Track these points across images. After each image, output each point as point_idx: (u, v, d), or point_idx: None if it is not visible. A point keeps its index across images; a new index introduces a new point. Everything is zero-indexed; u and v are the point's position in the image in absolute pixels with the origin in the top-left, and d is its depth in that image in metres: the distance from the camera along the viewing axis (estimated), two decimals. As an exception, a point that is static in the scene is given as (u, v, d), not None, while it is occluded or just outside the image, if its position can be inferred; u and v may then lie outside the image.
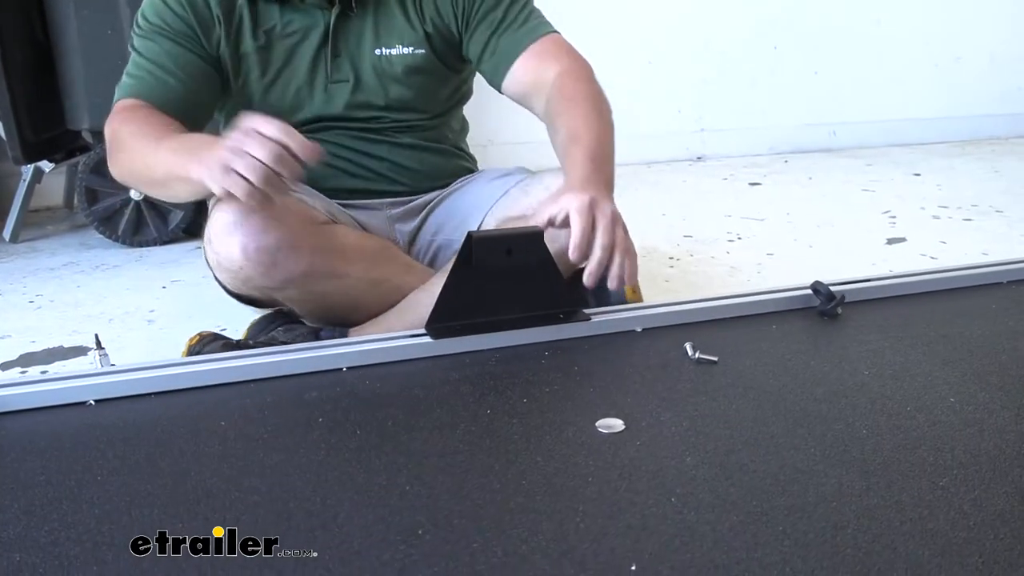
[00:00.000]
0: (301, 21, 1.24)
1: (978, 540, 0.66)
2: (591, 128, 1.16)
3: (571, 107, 1.19)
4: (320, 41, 1.25)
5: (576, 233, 1.00)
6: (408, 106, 1.32)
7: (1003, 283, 1.28)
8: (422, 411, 0.88)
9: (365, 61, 1.27)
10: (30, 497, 0.73)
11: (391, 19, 1.27)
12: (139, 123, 1.14)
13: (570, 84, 1.22)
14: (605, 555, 0.64)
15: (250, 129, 0.95)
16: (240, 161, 0.94)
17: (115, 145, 1.15)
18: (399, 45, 1.27)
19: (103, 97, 2.07)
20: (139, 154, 1.10)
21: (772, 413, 0.87)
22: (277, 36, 1.24)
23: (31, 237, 2.32)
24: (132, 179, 1.20)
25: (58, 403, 0.89)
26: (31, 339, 1.58)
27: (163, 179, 1.08)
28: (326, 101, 1.28)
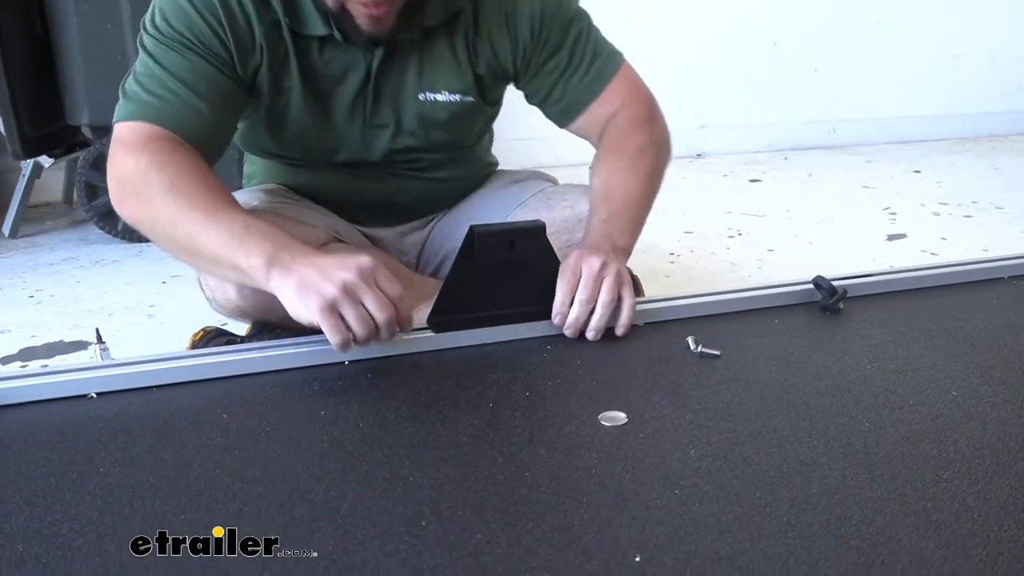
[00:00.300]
0: (343, 60, 1.11)
1: (982, 532, 0.66)
2: (622, 187, 1.15)
3: (612, 160, 1.18)
4: (361, 83, 1.13)
5: (557, 296, 1.02)
6: (447, 144, 1.26)
7: (1004, 278, 1.27)
8: (424, 404, 0.88)
9: (408, 106, 1.16)
10: (32, 489, 0.73)
11: (438, 61, 1.14)
12: (178, 176, 0.97)
13: (622, 132, 1.19)
14: (609, 546, 0.64)
15: (371, 277, 0.90)
16: (352, 310, 0.88)
17: (139, 186, 0.97)
18: (445, 91, 1.16)
19: (103, 92, 2.08)
20: (182, 217, 0.95)
21: (775, 406, 0.87)
22: (318, 74, 1.12)
23: (30, 232, 2.32)
24: (158, 237, 1.00)
25: (60, 396, 0.89)
26: (31, 334, 1.57)
27: (210, 258, 0.95)
28: (364, 147, 1.20)
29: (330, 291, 0.87)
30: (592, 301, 1.02)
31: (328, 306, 0.87)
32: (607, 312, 1.02)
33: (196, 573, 0.62)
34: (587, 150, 1.32)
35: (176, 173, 0.96)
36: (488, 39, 1.15)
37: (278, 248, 0.92)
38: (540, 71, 1.19)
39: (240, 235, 0.93)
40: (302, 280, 0.89)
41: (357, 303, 0.89)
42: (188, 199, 0.95)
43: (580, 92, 1.20)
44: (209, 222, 0.94)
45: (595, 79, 1.19)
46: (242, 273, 0.93)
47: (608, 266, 1.02)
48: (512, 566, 0.62)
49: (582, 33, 1.19)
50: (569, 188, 1.31)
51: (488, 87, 1.20)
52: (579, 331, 1.03)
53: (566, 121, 1.24)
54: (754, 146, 3.37)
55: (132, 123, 1.02)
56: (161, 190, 0.95)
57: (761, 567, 0.62)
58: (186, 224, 0.94)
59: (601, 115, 1.21)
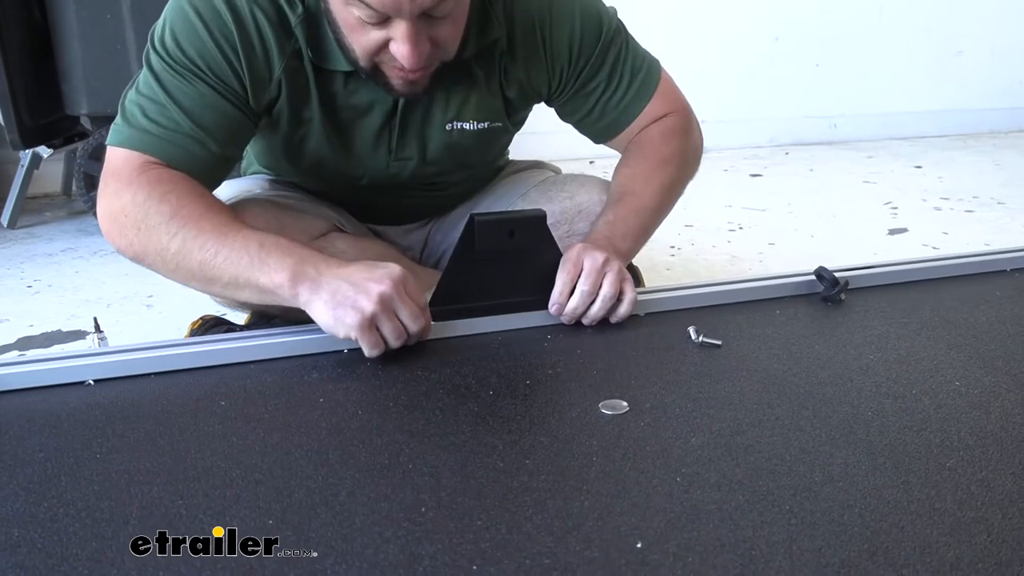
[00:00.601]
0: (367, 93, 1.06)
1: (986, 520, 0.65)
2: (636, 194, 1.13)
3: (633, 166, 1.17)
4: (387, 116, 1.08)
5: (556, 286, 1.02)
6: (472, 165, 1.24)
7: (1007, 271, 1.27)
8: (424, 392, 0.87)
9: (434, 136, 1.12)
10: (28, 474, 0.72)
11: (468, 89, 1.09)
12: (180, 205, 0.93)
13: (651, 141, 1.18)
14: (611, 532, 0.64)
15: (402, 288, 0.91)
16: (388, 324, 0.90)
17: (138, 220, 0.93)
18: (473, 121, 1.12)
19: (102, 82, 2.07)
20: (192, 245, 0.92)
21: (777, 396, 0.86)
22: (340, 106, 1.07)
23: (29, 223, 2.31)
24: (167, 269, 0.95)
25: (57, 383, 0.88)
26: (29, 323, 1.57)
27: (229, 281, 0.92)
28: (388, 176, 1.16)
29: (368, 307, 0.88)
30: (593, 294, 1.01)
31: (367, 322, 0.88)
32: (607, 305, 1.02)
33: (195, 570, 0.61)
34: (585, 145, 1.31)
35: (178, 203, 0.93)
36: (523, 63, 1.10)
37: (300, 262, 0.91)
38: (578, 93, 1.16)
39: (257, 253, 0.91)
40: (334, 295, 0.89)
41: (393, 317, 0.90)
42: (196, 226, 0.92)
43: (621, 112, 1.17)
44: (221, 246, 0.91)
45: (636, 98, 1.17)
46: (265, 292, 0.92)
47: (611, 262, 1.02)
48: (512, 553, 0.61)
49: (621, 51, 1.15)
50: (570, 178, 1.30)
51: (516, 109, 1.18)
52: (575, 320, 1.03)
53: (604, 139, 1.23)
54: (755, 141, 3.37)
55: (128, 152, 0.96)
56: (164, 221, 0.92)
57: (764, 554, 0.61)
58: (197, 252, 0.92)
59: (638, 130, 1.19)
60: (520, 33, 1.09)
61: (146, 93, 0.99)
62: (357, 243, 1.22)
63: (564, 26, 1.10)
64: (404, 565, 0.60)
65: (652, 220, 1.16)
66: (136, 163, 0.96)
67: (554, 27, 1.09)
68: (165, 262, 0.94)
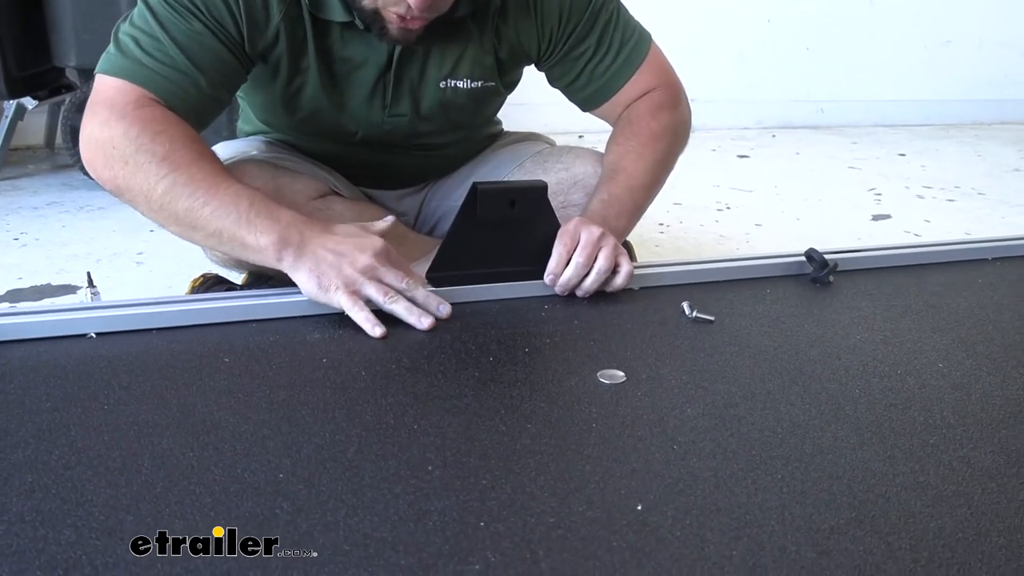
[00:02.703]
0: (363, 46, 1.08)
1: (967, 493, 0.69)
2: (628, 172, 1.15)
3: (624, 142, 1.17)
4: (381, 70, 1.10)
5: (552, 257, 1.03)
6: (464, 125, 1.25)
7: (989, 259, 1.31)
8: (426, 356, 0.89)
9: (428, 93, 1.14)
10: (38, 423, 0.73)
11: (461, 48, 1.11)
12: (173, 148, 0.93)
13: (640, 116, 1.18)
14: (611, 495, 0.66)
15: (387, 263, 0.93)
16: (372, 286, 0.92)
17: (127, 154, 0.93)
18: (467, 78, 1.14)
19: (92, 34, 2.04)
20: (181, 191, 0.92)
21: (768, 371, 0.89)
22: (336, 58, 1.09)
23: (12, 175, 2.28)
24: (150, 209, 0.95)
25: (60, 334, 0.89)
26: (17, 276, 1.56)
27: (214, 233, 0.93)
28: (383, 132, 1.18)
29: (350, 274, 0.90)
30: (588, 266, 1.03)
31: (350, 288, 0.91)
32: (601, 278, 1.04)
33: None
34: (578, 117, 1.32)
35: (171, 145, 0.93)
36: (513, 23, 1.12)
37: (287, 227, 0.92)
38: (566, 56, 1.17)
39: (246, 212, 0.92)
40: (318, 263, 0.91)
41: (377, 281, 0.93)
42: (187, 172, 0.92)
43: (608, 79, 1.19)
44: (211, 197, 0.92)
45: (623, 66, 1.18)
46: (249, 251, 0.93)
47: (607, 236, 1.04)
48: (517, 511, 0.64)
49: (612, 18, 1.16)
50: (565, 150, 1.31)
51: (508, 70, 1.19)
52: (568, 291, 1.05)
53: (590, 107, 1.24)
54: (742, 122, 3.39)
55: (121, 82, 0.96)
56: (155, 161, 0.92)
57: (757, 519, 0.64)
58: (185, 199, 0.92)
59: (625, 101, 1.20)
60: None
61: (141, 26, 0.98)
62: (355, 206, 1.23)
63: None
64: (413, 520, 0.62)
65: (645, 197, 1.18)
66: (131, 96, 0.95)
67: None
68: (149, 201, 0.94)
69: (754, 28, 3.34)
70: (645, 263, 1.19)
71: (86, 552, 0.58)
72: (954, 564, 0.60)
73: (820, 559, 0.60)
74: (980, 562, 0.60)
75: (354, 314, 0.92)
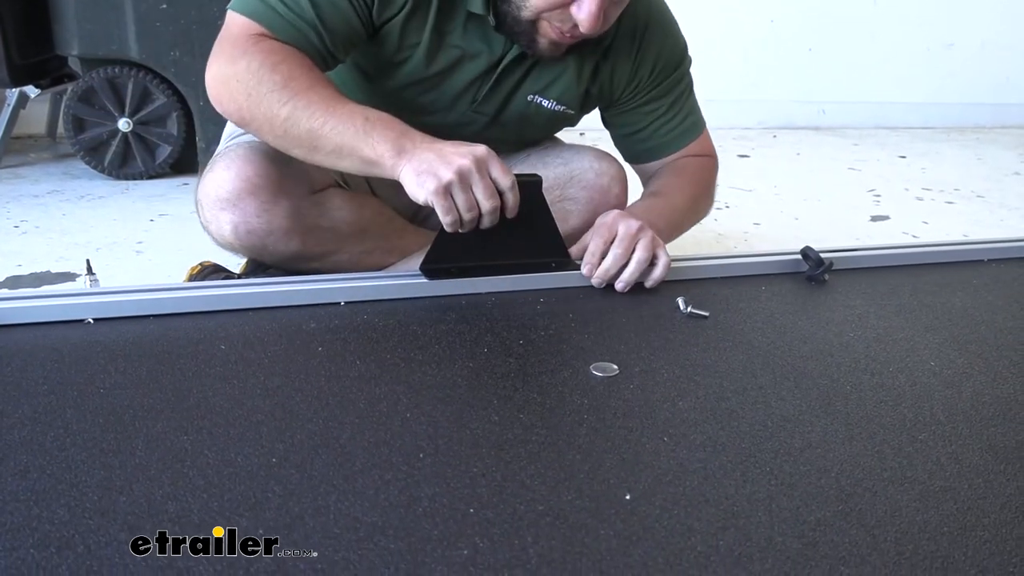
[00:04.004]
0: (480, 41, 1.11)
1: (954, 489, 0.69)
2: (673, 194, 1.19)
3: (672, 176, 1.23)
4: (486, 69, 1.13)
5: (590, 247, 1.05)
6: (532, 143, 1.30)
7: (984, 261, 1.31)
8: (420, 346, 0.89)
9: (515, 103, 1.18)
10: (34, 405, 0.74)
11: (560, 70, 1.15)
12: (291, 76, 0.97)
13: (689, 164, 1.25)
14: (601, 484, 0.67)
15: (484, 166, 0.94)
16: (462, 195, 0.93)
17: (250, 86, 0.97)
18: (554, 101, 1.18)
19: (94, 24, 2.04)
20: (302, 114, 0.96)
21: (761, 366, 0.90)
22: (449, 44, 1.11)
23: (13, 164, 2.28)
24: (274, 134, 1.00)
25: (58, 319, 0.89)
26: (17, 263, 1.56)
27: (333, 150, 0.97)
28: (458, 123, 1.19)
29: (446, 175, 0.92)
30: (626, 256, 1.05)
31: (442, 189, 0.92)
32: (640, 268, 1.05)
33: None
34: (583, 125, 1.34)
35: (289, 73, 0.98)
36: (612, 63, 1.18)
37: (401, 136, 0.96)
38: (639, 108, 1.24)
39: (362, 126, 0.96)
40: (421, 163, 0.93)
41: (468, 189, 0.93)
42: (305, 96, 0.97)
43: (667, 141, 1.25)
44: (329, 116, 0.96)
45: (683, 134, 1.25)
46: (368, 163, 0.96)
47: (645, 229, 1.06)
48: (507, 499, 0.64)
49: (686, 89, 1.26)
50: (565, 146, 1.32)
51: (588, 105, 1.24)
52: (606, 282, 1.06)
53: (641, 160, 1.29)
54: (744, 122, 3.39)
55: (247, 21, 1.01)
56: (276, 89, 0.97)
57: (745, 510, 0.64)
58: (305, 121, 0.96)
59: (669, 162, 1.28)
60: (622, 34, 1.16)
61: None
62: (353, 199, 1.23)
63: (657, 39, 1.19)
64: (404, 505, 0.63)
65: (683, 219, 1.22)
66: (253, 32, 1.01)
67: (649, 36, 1.18)
68: (273, 128, 0.99)
69: (757, 28, 3.34)
70: (641, 259, 1.19)
71: (79, 531, 0.58)
72: (938, 557, 0.61)
73: (806, 550, 0.60)
74: (964, 556, 0.61)
75: (441, 214, 0.94)
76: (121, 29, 2.06)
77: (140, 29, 2.06)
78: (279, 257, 1.13)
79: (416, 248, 1.24)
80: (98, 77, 2.11)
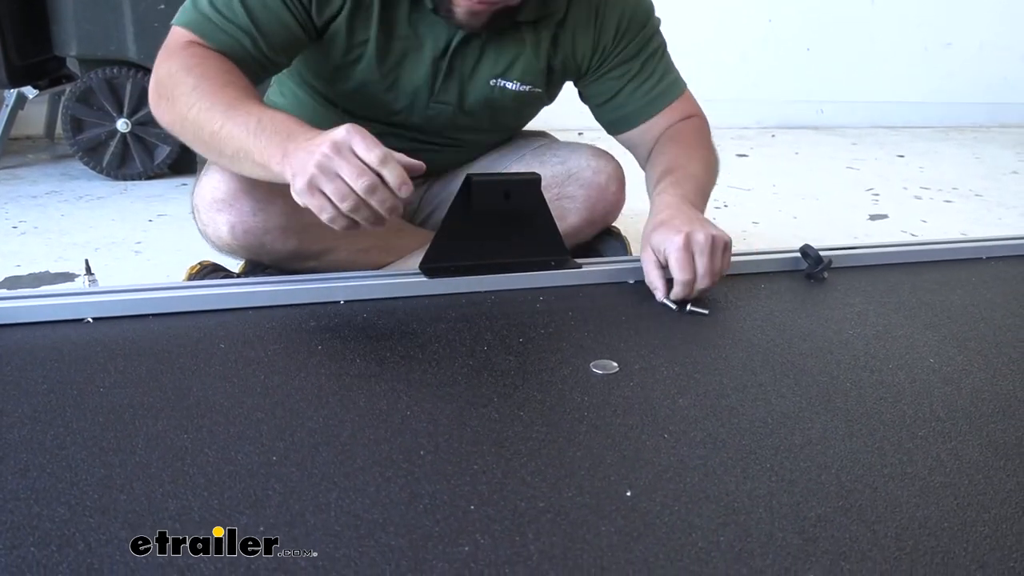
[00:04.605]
0: (425, 28, 1.10)
1: (953, 485, 0.69)
2: (686, 163, 1.14)
3: (674, 146, 1.18)
4: (437, 56, 1.12)
5: (678, 281, 0.99)
6: (506, 127, 1.28)
7: (983, 259, 1.31)
8: (420, 345, 0.89)
9: (476, 88, 1.16)
10: (34, 404, 0.74)
11: (518, 50, 1.14)
12: (206, 77, 0.97)
13: (684, 130, 1.21)
14: (601, 481, 0.67)
15: (346, 147, 0.85)
16: (329, 184, 0.84)
17: (168, 89, 0.99)
18: (517, 82, 1.16)
19: (92, 25, 2.04)
20: (204, 117, 0.95)
21: (760, 364, 0.90)
22: (397, 35, 1.11)
23: (11, 164, 2.28)
24: (188, 138, 1.01)
25: (57, 319, 0.89)
26: (15, 263, 1.56)
27: (232, 155, 0.95)
28: (424, 118, 1.19)
29: (308, 170, 0.85)
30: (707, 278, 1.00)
31: (308, 186, 0.85)
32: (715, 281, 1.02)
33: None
34: (578, 115, 1.33)
35: (201, 75, 0.96)
36: (572, 34, 1.16)
37: (286, 139, 0.90)
38: (609, 74, 1.21)
39: (254, 129, 0.92)
40: (294, 165, 0.87)
41: (334, 177, 0.84)
42: (210, 99, 0.95)
43: (645, 104, 1.22)
44: (227, 120, 0.93)
45: (660, 96, 1.22)
46: (261, 168, 0.92)
47: (713, 236, 1.01)
48: (508, 496, 0.64)
49: (658, 50, 1.22)
50: (563, 144, 1.32)
51: (556, 80, 1.22)
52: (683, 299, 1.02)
53: (620, 129, 1.26)
54: (742, 122, 3.39)
55: (183, 31, 1.02)
56: (186, 92, 0.96)
57: (745, 506, 0.64)
58: (207, 124, 0.95)
59: (654, 129, 1.23)
60: (578, 2, 1.15)
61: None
62: None
63: (618, 5, 1.17)
64: (405, 502, 0.63)
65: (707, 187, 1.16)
66: (184, 39, 1.02)
67: (610, 4, 1.16)
68: (184, 131, 0.99)
69: (755, 28, 3.34)
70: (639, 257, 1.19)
71: (79, 529, 0.58)
72: (939, 552, 0.61)
73: (806, 545, 0.60)
74: (965, 551, 0.61)
75: (317, 213, 0.87)
76: (119, 30, 2.06)
77: (138, 30, 2.06)
78: (277, 256, 1.13)
79: (413, 247, 1.24)
80: (96, 78, 2.11)
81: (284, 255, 1.12)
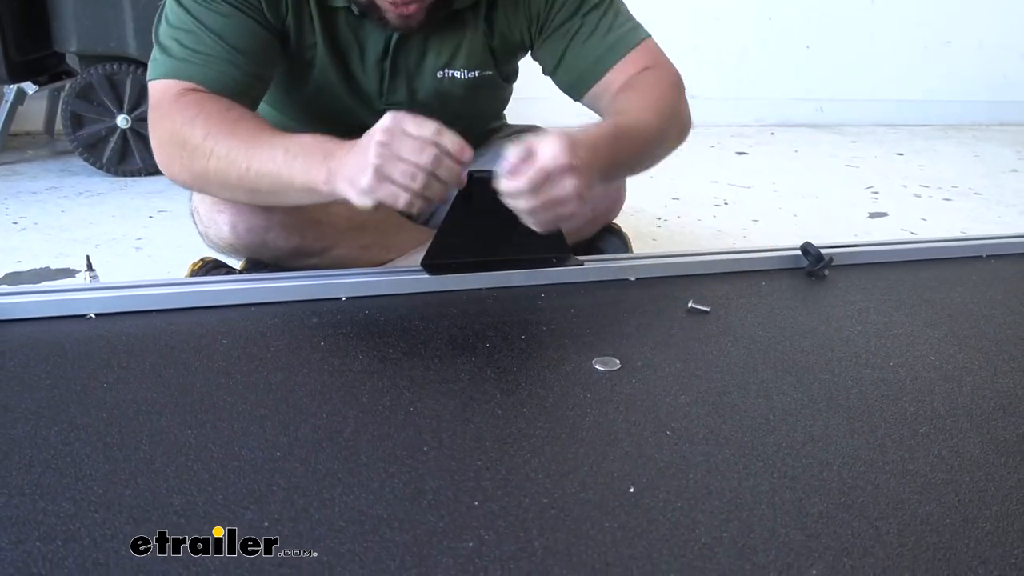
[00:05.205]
0: (362, 33, 1.10)
1: (955, 482, 0.70)
2: (641, 112, 1.05)
3: (623, 98, 1.10)
4: (379, 57, 1.11)
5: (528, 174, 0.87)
6: (465, 115, 1.20)
7: (982, 257, 1.31)
8: (423, 341, 0.90)
9: (424, 83, 1.15)
10: (37, 399, 0.74)
11: (459, 37, 1.12)
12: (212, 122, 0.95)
13: (636, 81, 1.11)
14: (605, 477, 0.67)
15: (398, 129, 0.84)
16: (396, 168, 0.83)
17: (178, 148, 0.96)
18: (464, 69, 1.14)
19: (92, 20, 2.04)
20: (226, 163, 0.93)
21: (762, 361, 0.90)
22: (340, 43, 1.10)
23: (11, 160, 2.28)
24: (214, 190, 1.00)
25: (60, 314, 0.90)
26: (16, 259, 1.56)
27: (269, 190, 0.93)
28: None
29: (372, 162, 0.83)
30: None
31: (375, 179, 0.84)
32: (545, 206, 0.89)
33: (204, 484, 0.63)
34: (576, 113, 1.32)
35: (206, 123, 0.94)
36: (503, 12, 1.13)
37: (326, 157, 0.89)
38: (551, 37, 1.15)
39: (283, 160, 0.90)
40: (349, 171, 0.86)
41: (398, 161, 0.84)
42: (226, 144, 0.93)
43: (594, 59, 1.13)
44: (251, 160, 0.92)
45: (612, 47, 1.13)
46: (306, 193, 0.91)
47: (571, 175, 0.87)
48: (511, 492, 0.65)
49: (601, 4, 1.14)
50: (534, 130, 1.31)
51: (503, 60, 1.19)
52: None
53: (579, 92, 1.18)
54: (741, 119, 3.39)
55: (166, 82, 0.99)
56: (199, 144, 0.94)
57: (748, 502, 0.65)
58: (232, 168, 0.93)
59: (615, 83, 1.13)
60: None
61: (176, 24, 1.01)
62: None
63: None
64: (409, 498, 0.63)
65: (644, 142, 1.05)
66: (173, 91, 0.98)
67: None
68: (209, 184, 0.98)
69: (754, 26, 3.34)
70: (642, 254, 1.20)
71: (84, 524, 0.58)
72: (940, 548, 0.61)
73: (808, 542, 0.61)
74: (966, 547, 0.61)
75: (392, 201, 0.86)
76: (119, 25, 2.06)
77: (138, 25, 2.05)
78: (279, 253, 1.13)
79: (414, 245, 1.24)
80: (96, 73, 2.10)
81: (286, 252, 1.12)
